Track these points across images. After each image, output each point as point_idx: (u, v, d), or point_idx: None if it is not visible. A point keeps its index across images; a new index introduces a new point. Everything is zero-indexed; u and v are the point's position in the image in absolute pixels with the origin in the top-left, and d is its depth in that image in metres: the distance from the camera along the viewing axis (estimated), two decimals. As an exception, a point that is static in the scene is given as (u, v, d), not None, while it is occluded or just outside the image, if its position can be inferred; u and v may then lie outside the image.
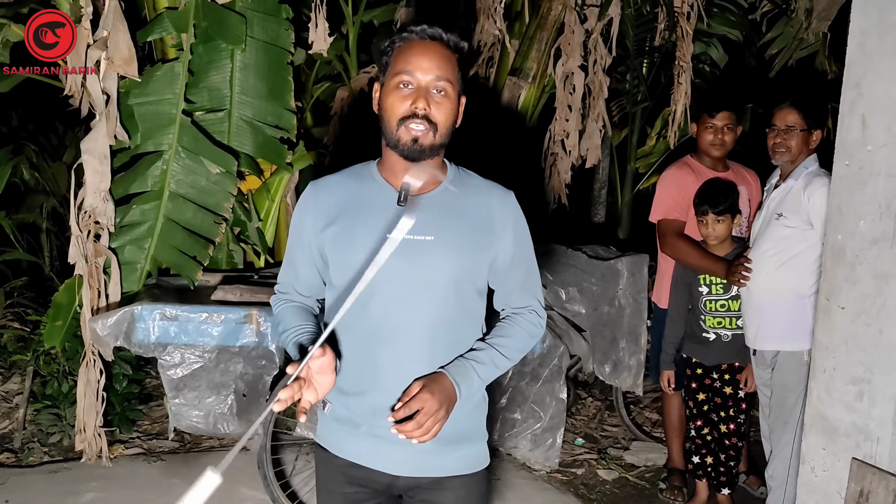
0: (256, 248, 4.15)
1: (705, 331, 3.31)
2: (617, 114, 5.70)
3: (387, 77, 1.63)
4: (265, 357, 3.28)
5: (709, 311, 3.29)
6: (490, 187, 1.74)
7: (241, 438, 1.31)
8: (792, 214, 2.96)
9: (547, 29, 4.52)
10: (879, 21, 1.90)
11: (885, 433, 1.87)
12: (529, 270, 1.79)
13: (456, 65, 1.63)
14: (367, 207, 1.65)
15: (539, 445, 3.62)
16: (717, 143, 3.50)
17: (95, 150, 3.37)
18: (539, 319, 1.80)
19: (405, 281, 1.60)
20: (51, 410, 3.86)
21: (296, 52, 3.87)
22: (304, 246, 1.71)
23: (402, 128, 1.58)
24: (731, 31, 5.26)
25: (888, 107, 1.88)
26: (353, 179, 1.71)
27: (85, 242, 3.41)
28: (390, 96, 1.60)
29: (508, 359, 1.72)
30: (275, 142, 3.85)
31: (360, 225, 1.63)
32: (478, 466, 1.73)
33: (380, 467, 1.66)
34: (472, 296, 1.69)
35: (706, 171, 3.54)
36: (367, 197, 1.66)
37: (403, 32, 1.64)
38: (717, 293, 3.27)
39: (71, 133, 6.36)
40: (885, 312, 1.88)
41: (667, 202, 3.51)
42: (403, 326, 1.61)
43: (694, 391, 3.39)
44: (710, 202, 3.24)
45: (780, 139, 3.05)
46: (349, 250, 1.62)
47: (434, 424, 1.53)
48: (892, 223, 1.86)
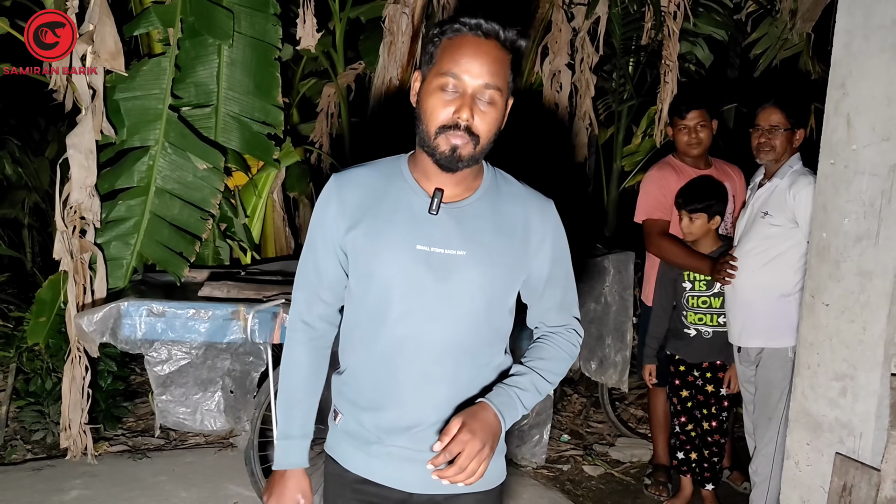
0: (243, 245, 4.14)
1: (686, 327, 3.34)
2: (603, 112, 5.72)
3: (431, 72, 1.47)
4: (253, 353, 3.27)
5: (691, 308, 3.32)
6: (529, 195, 1.61)
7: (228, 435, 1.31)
8: (777, 213, 2.99)
9: (534, 27, 4.54)
10: (865, 21, 1.92)
11: (867, 429, 1.91)
12: (567, 287, 1.69)
13: (509, 67, 1.48)
14: (395, 212, 1.51)
15: (526, 442, 3.64)
16: (694, 142, 3.53)
17: (81, 145, 3.34)
18: (578, 339, 1.70)
19: (433, 298, 1.49)
20: (34, 407, 3.83)
21: (283, 47, 3.86)
22: (328, 242, 1.56)
23: (442, 136, 1.45)
24: (716, 31, 5.30)
25: (873, 107, 1.91)
26: (382, 177, 1.56)
27: (70, 238, 3.38)
28: (432, 97, 1.45)
29: (550, 383, 1.61)
30: (262, 138, 3.84)
31: (387, 232, 1.50)
32: (495, 482, 1.63)
33: (393, 484, 1.56)
34: (503, 314, 1.59)
35: (688, 169, 3.57)
36: (396, 200, 1.52)
37: (456, 24, 1.47)
38: (699, 289, 3.30)
39: (53, 128, 6.31)
40: (868, 309, 1.91)
41: (650, 202, 3.54)
42: (428, 344, 1.50)
43: (677, 388, 3.42)
44: (686, 199, 3.28)
45: (764, 138, 3.09)
46: (373, 259, 1.50)
47: (479, 465, 1.39)
48: (875, 221, 1.89)
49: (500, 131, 1.52)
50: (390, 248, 1.49)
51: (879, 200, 1.88)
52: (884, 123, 1.88)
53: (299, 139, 4.87)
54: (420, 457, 1.51)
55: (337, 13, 4.75)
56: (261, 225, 4.27)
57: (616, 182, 5.90)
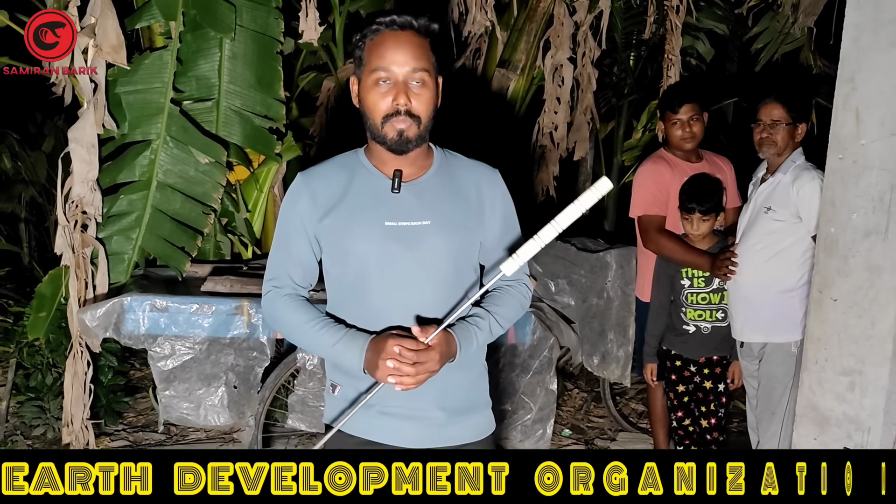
0: (244, 239, 4.12)
1: (686, 323, 3.31)
2: (604, 106, 5.72)
3: (363, 73, 1.64)
4: (256, 348, 3.26)
5: (690, 304, 3.29)
6: (476, 166, 1.79)
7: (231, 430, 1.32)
8: (781, 208, 2.99)
9: (536, 21, 4.52)
10: (874, 16, 1.92)
11: (876, 423, 1.91)
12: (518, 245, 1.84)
13: (430, 49, 1.64)
14: (362, 196, 1.68)
15: (529, 436, 3.64)
16: (687, 136, 3.50)
17: (83, 139, 3.33)
18: (528, 292, 1.87)
19: (405, 266, 1.65)
20: (34, 403, 3.81)
21: (285, 41, 3.84)
22: (300, 232, 1.71)
23: (388, 125, 1.61)
24: (717, 26, 5.29)
25: (882, 101, 1.90)
26: (344, 169, 1.72)
27: (72, 232, 3.37)
28: (370, 94, 1.62)
29: (502, 327, 1.79)
30: (263, 132, 3.82)
31: (357, 214, 1.66)
32: (484, 433, 1.81)
33: (393, 442, 1.70)
34: (469, 274, 1.76)
35: (682, 163, 3.54)
36: (361, 186, 1.69)
37: (373, 25, 1.63)
38: (698, 286, 3.28)
39: (50, 122, 6.28)
40: (877, 304, 1.91)
41: (645, 197, 3.50)
42: (406, 310, 1.65)
43: (674, 383, 3.39)
44: (698, 200, 3.23)
45: (765, 133, 3.07)
46: (349, 239, 1.66)
47: (424, 380, 1.60)
48: (884, 216, 1.89)
49: (438, 108, 1.69)
50: (362, 227, 1.65)
51: (889, 195, 1.88)
52: (893, 118, 1.88)
53: (300, 133, 4.85)
54: (417, 414, 1.69)
55: (336, 7, 4.73)
56: (262, 219, 4.26)
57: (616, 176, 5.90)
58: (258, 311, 3.21)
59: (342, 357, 1.67)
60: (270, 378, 3.30)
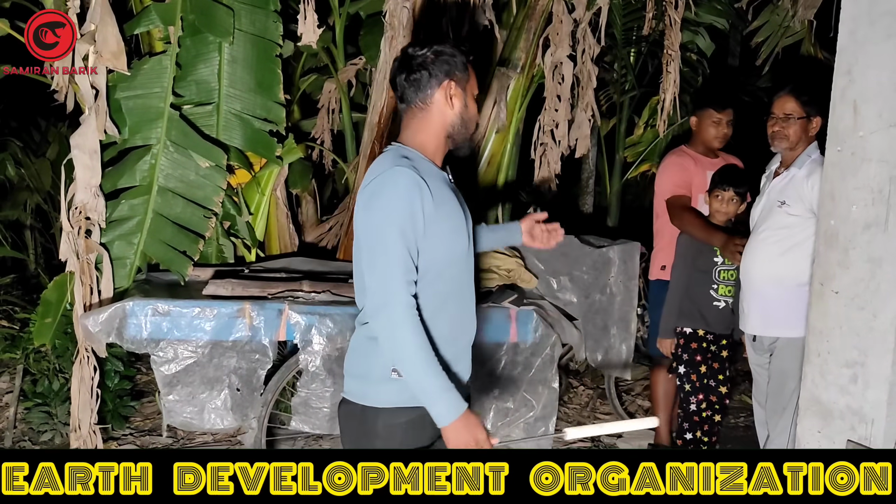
0: (247, 243, 4.13)
1: (717, 300, 3.43)
2: (605, 103, 5.71)
3: (468, 86, 1.93)
4: (259, 351, 3.27)
5: (722, 280, 3.42)
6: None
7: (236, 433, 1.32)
8: (795, 202, 2.96)
9: (535, 19, 4.51)
10: (870, 8, 1.91)
11: (879, 415, 1.90)
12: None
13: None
14: (444, 187, 1.89)
15: (532, 434, 3.63)
16: (721, 136, 3.75)
17: (85, 146, 3.34)
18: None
19: (471, 249, 1.97)
20: (42, 408, 3.83)
21: (284, 44, 3.85)
22: (419, 232, 1.81)
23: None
24: (717, 20, 5.28)
25: (879, 93, 1.90)
26: (420, 164, 1.86)
27: (76, 239, 3.37)
28: (474, 104, 1.95)
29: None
30: (264, 135, 3.83)
31: (449, 203, 1.88)
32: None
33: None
34: None
35: (703, 159, 3.77)
36: (439, 178, 1.89)
37: (465, 47, 1.94)
38: (728, 263, 3.39)
39: (54, 129, 6.29)
40: (878, 296, 1.90)
41: (674, 180, 3.73)
42: (472, 284, 1.98)
43: (697, 364, 3.46)
44: (734, 182, 3.41)
45: (778, 127, 3.04)
46: (454, 228, 1.89)
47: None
48: (884, 208, 1.89)
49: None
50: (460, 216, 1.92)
51: (888, 187, 1.87)
52: (891, 110, 1.87)
53: (301, 136, 4.86)
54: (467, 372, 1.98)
55: (336, 8, 4.73)
56: (264, 222, 4.26)
57: (619, 173, 5.89)
58: (260, 313, 3.21)
59: (439, 402, 1.77)
60: (273, 380, 3.31)
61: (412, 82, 1.90)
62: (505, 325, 3.46)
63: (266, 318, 3.22)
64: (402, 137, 1.94)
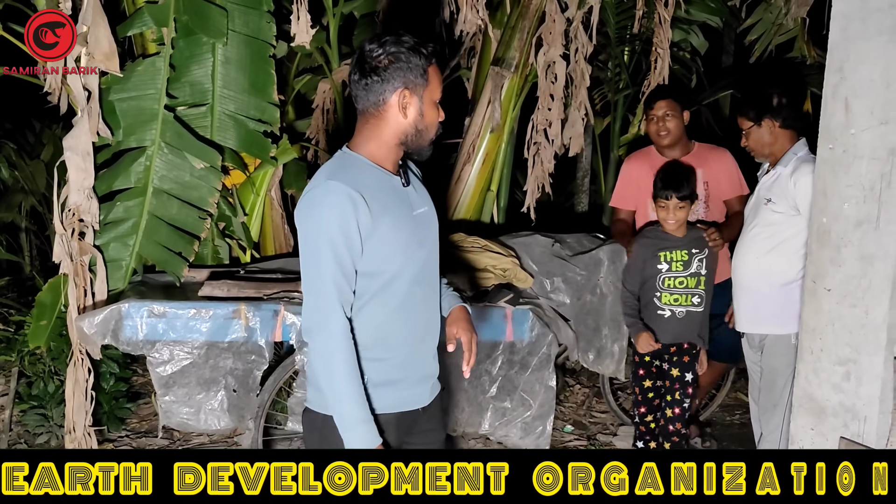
0: (242, 243, 4.13)
1: (660, 308, 3.29)
2: (599, 102, 5.71)
3: (426, 92, 1.84)
4: (254, 352, 3.27)
5: (666, 288, 3.28)
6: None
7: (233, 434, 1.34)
8: (780, 200, 2.99)
9: (528, 18, 4.51)
10: (862, 5, 1.91)
11: (872, 412, 1.91)
12: None
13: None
14: (390, 195, 1.85)
15: (529, 433, 3.64)
16: (662, 131, 3.67)
17: (78, 147, 3.33)
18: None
19: (432, 251, 1.95)
20: (37, 411, 3.83)
21: (277, 44, 3.85)
22: (356, 249, 1.77)
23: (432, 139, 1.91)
24: (710, 18, 5.29)
25: (871, 90, 1.90)
26: (362, 174, 1.82)
27: (69, 241, 3.37)
28: (432, 112, 1.87)
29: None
30: (258, 136, 3.82)
31: (393, 211, 1.83)
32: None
33: (416, 405, 1.98)
34: None
35: (658, 158, 3.73)
36: (384, 186, 1.85)
37: (426, 50, 1.83)
38: (676, 269, 3.27)
39: (48, 130, 6.28)
40: (870, 293, 1.91)
41: (616, 190, 3.94)
42: (436, 285, 2.00)
43: (641, 378, 3.39)
44: (674, 187, 3.24)
45: (744, 143, 3.21)
46: (400, 236, 1.84)
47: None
48: (876, 205, 1.89)
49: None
50: (402, 221, 1.87)
51: (879, 184, 1.88)
52: (882, 106, 1.87)
53: (296, 136, 4.86)
54: (429, 371, 2.01)
55: (330, 9, 4.73)
56: (259, 223, 4.26)
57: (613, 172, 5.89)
58: (256, 314, 3.21)
59: (354, 431, 1.78)
60: (269, 381, 3.31)
61: (364, 86, 1.82)
62: (501, 325, 3.46)
63: (262, 318, 3.22)
64: (352, 142, 1.90)
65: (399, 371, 1.91)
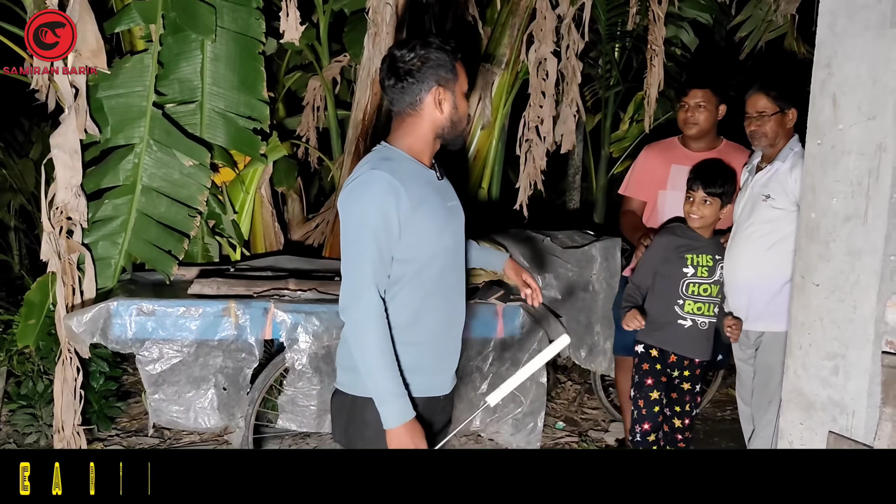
0: (232, 241, 4.11)
1: (682, 317, 3.06)
2: (590, 99, 5.72)
3: (457, 86, 1.95)
4: (245, 350, 3.26)
5: (690, 295, 3.05)
6: None
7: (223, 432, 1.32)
8: (779, 196, 2.95)
9: (519, 15, 4.51)
10: (849, 1, 1.92)
11: (860, 406, 1.92)
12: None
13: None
14: (426, 187, 1.92)
15: (520, 430, 3.64)
16: (690, 121, 3.43)
17: (65, 145, 3.31)
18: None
19: (460, 241, 2.04)
20: (26, 410, 3.80)
21: (267, 41, 3.83)
22: (393, 235, 1.85)
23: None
24: (701, 15, 5.30)
25: (858, 86, 1.91)
26: (402, 166, 1.90)
27: (57, 239, 3.35)
28: (463, 103, 1.98)
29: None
30: (248, 133, 3.81)
31: (430, 201, 1.91)
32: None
33: (441, 392, 2.04)
34: None
35: (682, 151, 3.51)
36: (421, 179, 1.93)
37: (451, 46, 1.94)
38: (701, 275, 3.05)
39: (37, 128, 6.24)
40: (858, 288, 1.91)
41: (630, 176, 3.68)
42: (463, 275, 2.06)
43: (647, 388, 3.10)
44: (703, 181, 3.04)
45: (754, 126, 3.03)
46: (435, 224, 1.92)
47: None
48: (863, 200, 1.90)
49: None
50: (440, 211, 1.95)
51: (867, 179, 1.88)
52: (870, 102, 1.88)
53: (285, 133, 4.84)
54: (454, 360, 2.07)
55: (320, 5, 4.71)
56: (249, 221, 4.25)
57: (605, 168, 5.91)
58: (245, 312, 3.20)
59: (389, 405, 1.83)
60: (259, 379, 3.30)
61: (400, 90, 1.91)
62: (492, 322, 3.46)
63: (252, 316, 3.21)
64: (390, 138, 1.98)
65: (430, 357, 1.98)
